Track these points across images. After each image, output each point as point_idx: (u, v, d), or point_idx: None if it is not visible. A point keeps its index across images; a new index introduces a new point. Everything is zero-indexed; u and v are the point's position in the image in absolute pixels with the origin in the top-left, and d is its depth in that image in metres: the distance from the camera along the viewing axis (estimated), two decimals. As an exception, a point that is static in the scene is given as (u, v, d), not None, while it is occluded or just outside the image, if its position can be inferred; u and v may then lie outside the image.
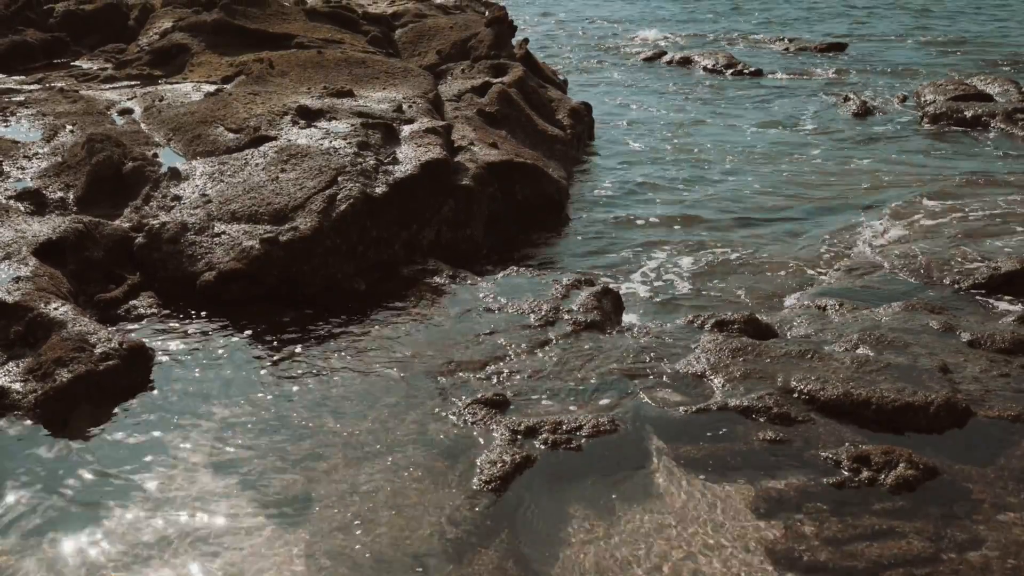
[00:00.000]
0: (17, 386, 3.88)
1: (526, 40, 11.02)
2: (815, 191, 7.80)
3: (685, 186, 8.09)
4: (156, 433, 3.73)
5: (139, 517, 3.23)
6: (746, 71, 13.91)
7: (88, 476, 3.46)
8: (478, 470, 3.48)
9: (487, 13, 11.35)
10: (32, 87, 8.78)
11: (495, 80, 8.60)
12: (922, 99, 11.08)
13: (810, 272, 5.91)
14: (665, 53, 15.40)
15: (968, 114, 10.07)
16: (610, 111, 11.16)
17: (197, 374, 4.20)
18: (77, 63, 10.37)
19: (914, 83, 12.65)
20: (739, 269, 6.05)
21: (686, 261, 6.20)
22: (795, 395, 3.94)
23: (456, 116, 7.59)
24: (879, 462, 3.50)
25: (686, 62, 14.75)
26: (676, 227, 6.94)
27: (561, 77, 11.77)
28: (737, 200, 7.63)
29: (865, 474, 3.47)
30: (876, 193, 7.65)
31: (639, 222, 7.09)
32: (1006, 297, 5.20)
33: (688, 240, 6.63)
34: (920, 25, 19.73)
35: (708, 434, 3.75)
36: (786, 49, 16.75)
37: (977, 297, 5.25)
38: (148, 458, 3.56)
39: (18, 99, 8.10)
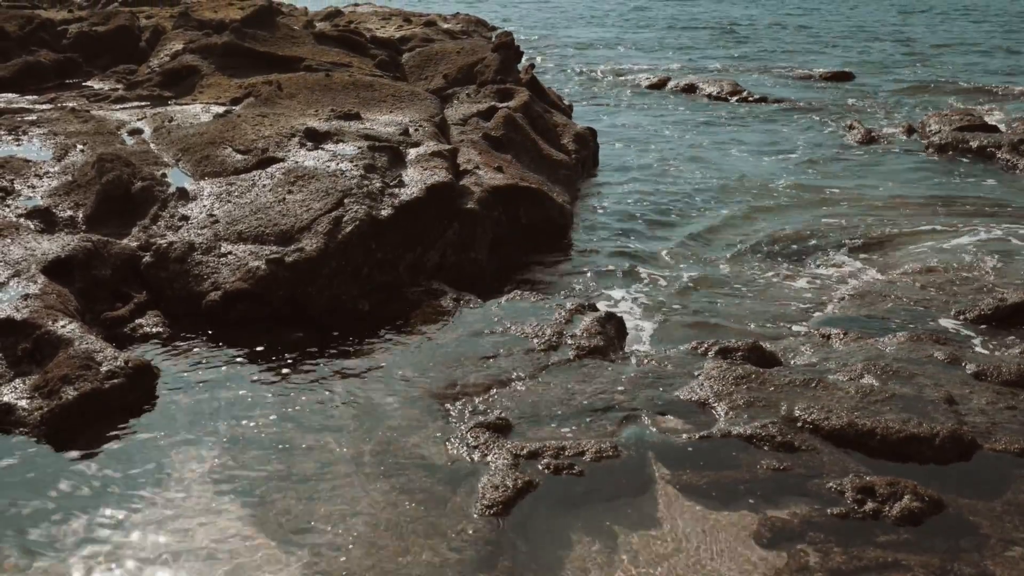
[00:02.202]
0: (23, 403, 3.89)
1: (532, 65, 11.13)
2: (819, 219, 7.81)
3: (689, 212, 8.11)
4: (159, 452, 3.73)
5: (139, 536, 3.22)
6: (750, 98, 14.00)
7: (90, 494, 3.45)
8: (480, 494, 3.47)
9: (493, 38, 11.46)
10: (44, 107, 8.87)
11: (501, 105, 8.66)
12: (927, 129, 11.12)
13: (814, 300, 5.91)
14: (670, 80, 15.51)
15: (973, 144, 10.10)
16: (615, 136, 11.22)
17: (201, 393, 4.21)
18: (89, 83, 10.48)
19: (919, 113, 12.71)
20: (743, 296, 6.05)
21: (690, 287, 6.21)
22: (799, 424, 3.93)
23: (462, 140, 7.64)
24: (884, 493, 3.48)
25: (691, 89, 14.85)
26: (680, 253, 6.95)
27: (566, 102, 11.85)
28: (741, 227, 7.65)
29: (870, 505, 3.45)
30: (881, 222, 7.66)
31: (643, 247, 7.10)
32: (1012, 329, 5.19)
33: (692, 266, 6.64)
34: (926, 56, 19.84)
35: (711, 462, 3.73)
36: (791, 77, 16.86)
37: (983, 328, 5.24)
38: (151, 477, 3.56)
39: (30, 118, 8.17)
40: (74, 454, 3.70)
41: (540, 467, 3.64)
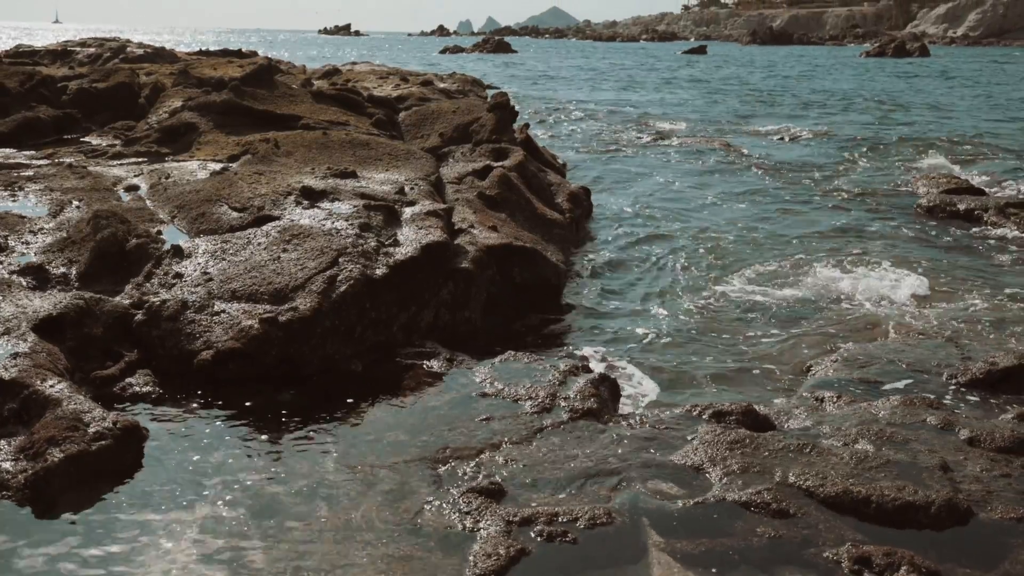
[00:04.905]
0: (8, 465, 3.83)
1: (527, 125, 11.28)
2: (811, 278, 7.86)
3: (683, 272, 8.15)
4: (146, 516, 3.66)
5: (124, 606, 3.15)
6: (744, 157, 14.20)
7: (75, 559, 3.38)
8: (472, 562, 3.41)
9: (489, 98, 11.63)
10: (41, 162, 8.92)
11: (496, 164, 8.75)
12: (916, 191, 11.27)
13: (807, 362, 5.91)
14: (664, 138, 15.73)
15: (961, 207, 10.23)
16: (609, 195, 11.33)
17: (190, 455, 4.16)
18: (87, 139, 10.56)
19: (909, 175, 12.88)
20: (736, 357, 6.05)
21: (683, 348, 6.21)
22: (794, 490, 3.89)
23: (457, 198, 7.70)
24: (881, 564, 3.44)
25: (686, 147, 15.07)
26: (674, 314, 6.97)
27: (560, 160, 11.99)
28: (736, 287, 7.68)
29: None
30: (871, 283, 7.70)
31: (636, 308, 7.12)
32: (1004, 393, 5.19)
33: (686, 327, 6.65)
34: (914, 118, 20.19)
35: (706, 528, 3.68)
36: (781, 138, 17.13)
37: (975, 392, 5.23)
38: (137, 542, 3.49)
39: (27, 174, 8.21)
40: (59, 518, 3.63)
41: (533, 534, 3.59)
